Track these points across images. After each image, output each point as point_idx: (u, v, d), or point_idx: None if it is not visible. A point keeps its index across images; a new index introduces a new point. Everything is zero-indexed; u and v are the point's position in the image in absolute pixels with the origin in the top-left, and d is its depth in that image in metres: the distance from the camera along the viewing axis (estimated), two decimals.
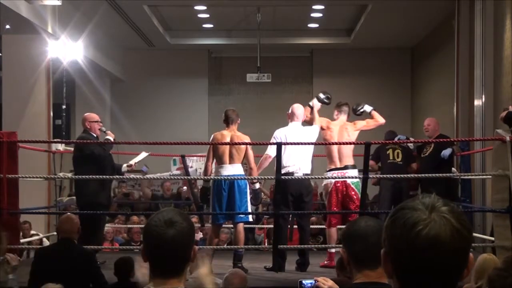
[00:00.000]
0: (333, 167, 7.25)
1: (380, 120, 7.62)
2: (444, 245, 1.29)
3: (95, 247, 6.70)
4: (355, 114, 7.75)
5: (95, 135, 7.45)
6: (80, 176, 7.13)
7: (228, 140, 6.88)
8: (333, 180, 7.19)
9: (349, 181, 7.21)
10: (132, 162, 7.80)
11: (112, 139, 7.50)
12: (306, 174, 7.09)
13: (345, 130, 7.39)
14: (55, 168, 8.32)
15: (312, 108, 7.49)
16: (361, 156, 6.74)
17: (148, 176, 8.33)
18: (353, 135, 7.38)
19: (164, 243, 1.97)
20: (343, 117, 7.53)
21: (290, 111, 7.32)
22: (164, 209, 2.09)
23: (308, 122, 7.42)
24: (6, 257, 4.80)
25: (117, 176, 7.92)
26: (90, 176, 6.88)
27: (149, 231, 2.01)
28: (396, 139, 8.34)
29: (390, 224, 1.35)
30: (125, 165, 7.76)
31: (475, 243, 7.88)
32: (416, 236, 1.29)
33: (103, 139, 7.42)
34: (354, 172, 7.23)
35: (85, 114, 7.72)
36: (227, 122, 7.01)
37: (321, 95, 7.58)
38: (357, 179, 7.15)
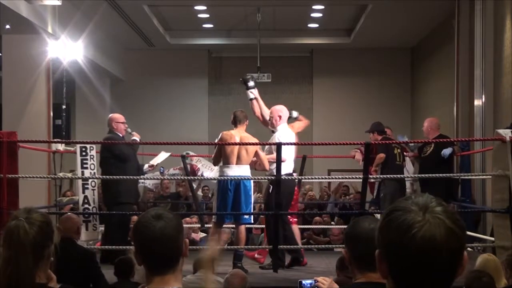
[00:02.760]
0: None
1: (306, 120, 7.71)
2: (439, 246, 1.29)
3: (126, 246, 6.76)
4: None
5: (121, 135, 7.57)
6: (84, 176, 7.17)
7: (237, 140, 6.86)
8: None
9: None
10: (153, 162, 7.90)
11: (138, 139, 7.61)
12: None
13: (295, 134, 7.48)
14: (55, 168, 8.31)
15: (256, 99, 7.46)
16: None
17: (146, 176, 8.35)
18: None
19: (154, 236, 2.00)
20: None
21: (278, 114, 7.24)
22: (151, 209, 2.19)
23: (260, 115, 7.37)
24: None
25: (135, 177, 7.94)
26: (99, 176, 6.92)
27: (138, 228, 2.06)
28: (400, 137, 8.42)
29: (384, 226, 1.35)
30: (146, 165, 7.88)
31: (475, 243, 7.88)
32: (411, 238, 1.29)
33: (130, 140, 7.53)
34: None
35: (111, 115, 7.87)
36: (235, 122, 7.00)
37: (249, 83, 7.52)
38: None
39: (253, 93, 7.49)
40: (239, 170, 6.82)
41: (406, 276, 1.32)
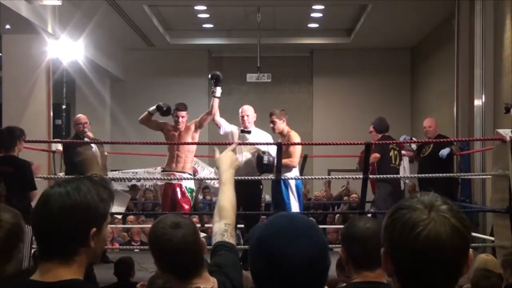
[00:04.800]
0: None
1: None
2: (444, 245, 1.29)
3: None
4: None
5: (81, 137, 7.50)
6: (84, 176, 7.12)
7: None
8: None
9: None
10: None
11: (88, 140, 7.44)
12: None
13: None
14: (55, 168, 8.31)
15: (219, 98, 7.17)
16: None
17: (139, 176, 8.34)
18: None
19: (176, 245, 1.99)
20: None
21: (254, 114, 7.27)
22: (163, 216, 2.12)
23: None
24: None
25: (116, 177, 7.91)
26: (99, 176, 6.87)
27: (157, 238, 2.03)
28: (401, 138, 8.33)
29: (389, 225, 1.34)
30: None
31: (476, 243, 7.88)
32: (416, 237, 1.29)
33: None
34: None
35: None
36: (284, 122, 7.08)
37: (221, 80, 7.21)
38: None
39: (218, 90, 7.34)
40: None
41: (411, 275, 1.31)
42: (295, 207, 6.88)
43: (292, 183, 6.90)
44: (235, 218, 2.25)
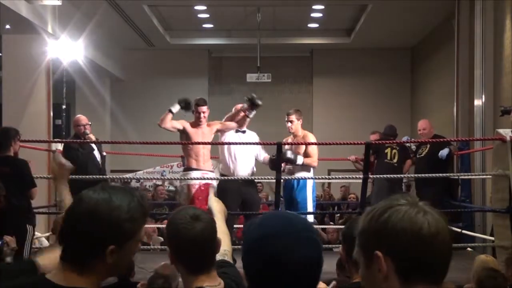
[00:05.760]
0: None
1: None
2: (445, 236, 1.31)
3: None
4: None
5: (81, 138, 7.50)
6: (84, 176, 7.16)
7: None
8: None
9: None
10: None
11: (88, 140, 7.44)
12: None
13: None
14: None
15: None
16: None
17: (138, 176, 8.33)
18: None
19: (194, 238, 1.99)
20: None
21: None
22: (183, 207, 2.13)
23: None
24: (5, 239, 4.81)
25: (111, 176, 7.91)
26: (89, 176, 6.88)
27: (176, 229, 2.03)
28: (404, 139, 8.34)
29: (383, 225, 1.32)
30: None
31: (476, 243, 7.88)
32: (419, 231, 1.29)
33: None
34: None
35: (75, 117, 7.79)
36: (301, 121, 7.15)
37: (255, 108, 6.99)
38: None
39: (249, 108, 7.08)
40: None
41: (415, 271, 1.30)
42: (310, 206, 6.92)
43: (310, 183, 6.92)
44: (231, 244, 2.35)
